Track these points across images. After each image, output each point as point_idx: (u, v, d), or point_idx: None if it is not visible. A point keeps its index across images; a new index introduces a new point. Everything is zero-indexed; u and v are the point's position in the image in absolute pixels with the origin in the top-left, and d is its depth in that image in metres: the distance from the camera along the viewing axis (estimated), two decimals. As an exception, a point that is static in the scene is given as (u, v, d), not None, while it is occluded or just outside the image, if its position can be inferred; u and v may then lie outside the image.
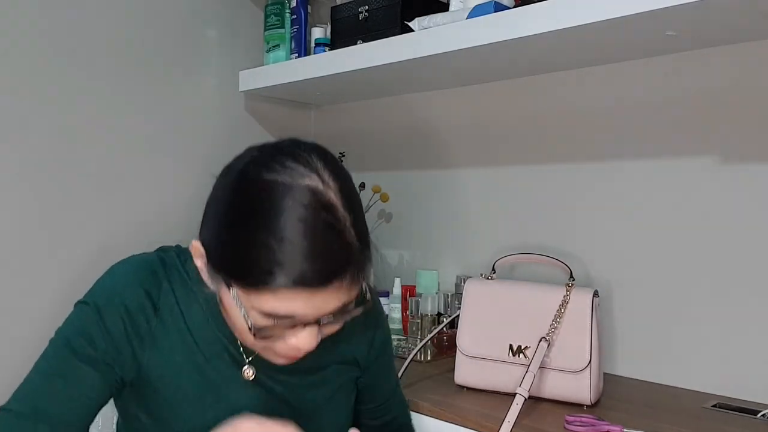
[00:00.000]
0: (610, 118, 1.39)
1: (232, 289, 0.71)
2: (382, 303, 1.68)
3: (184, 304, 0.82)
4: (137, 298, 0.80)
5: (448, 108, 1.70)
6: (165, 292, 0.81)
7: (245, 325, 0.72)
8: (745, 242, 1.21)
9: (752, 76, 1.20)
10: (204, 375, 0.82)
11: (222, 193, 0.74)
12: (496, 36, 1.20)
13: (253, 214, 0.70)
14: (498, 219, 1.59)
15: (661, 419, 1.09)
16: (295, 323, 0.72)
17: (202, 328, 0.82)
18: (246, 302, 0.71)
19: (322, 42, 1.67)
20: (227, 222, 0.72)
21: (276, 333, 0.73)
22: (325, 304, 0.71)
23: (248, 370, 0.84)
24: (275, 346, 0.75)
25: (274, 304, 0.69)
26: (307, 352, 0.75)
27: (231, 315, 0.76)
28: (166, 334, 0.81)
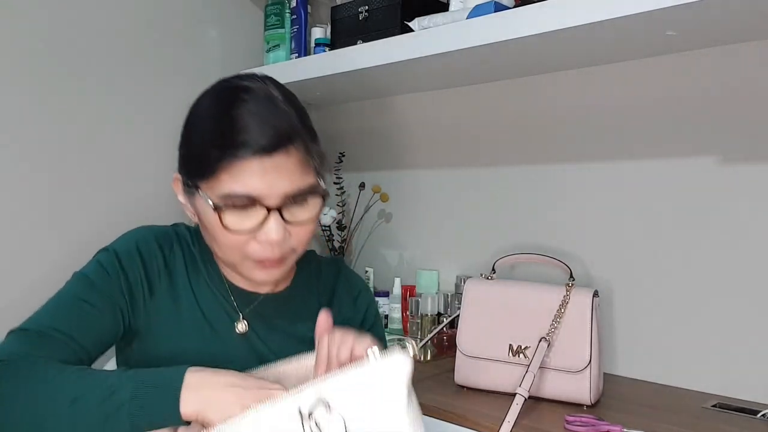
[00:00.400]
0: (611, 118, 1.39)
1: (200, 192, 0.82)
2: (381, 303, 1.69)
3: (189, 267, 0.92)
4: (152, 250, 0.90)
5: (448, 108, 1.70)
6: (175, 253, 0.92)
7: (223, 231, 0.81)
8: (745, 242, 1.21)
9: (752, 76, 1.20)
10: (201, 331, 0.89)
11: (186, 119, 0.87)
12: (496, 36, 1.20)
13: (205, 114, 0.84)
14: (498, 219, 1.59)
15: (661, 419, 1.09)
16: (256, 203, 0.80)
17: (203, 288, 0.92)
18: (214, 198, 0.81)
19: (322, 42, 1.67)
20: (189, 131, 0.86)
21: (246, 226, 0.81)
22: (279, 179, 0.81)
23: (241, 324, 0.92)
24: (250, 248, 0.83)
25: (233, 185, 0.79)
26: (279, 246, 0.83)
27: (210, 230, 0.84)
28: (172, 289, 0.90)
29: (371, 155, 1.90)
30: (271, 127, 0.81)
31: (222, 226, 0.81)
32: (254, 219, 0.82)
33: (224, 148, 0.79)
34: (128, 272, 0.88)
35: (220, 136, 0.81)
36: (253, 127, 0.80)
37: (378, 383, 0.70)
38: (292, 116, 0.83)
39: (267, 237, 0.82)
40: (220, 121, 0.81)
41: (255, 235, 0.82)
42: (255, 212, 0.81)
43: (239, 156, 0.79)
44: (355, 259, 1.94)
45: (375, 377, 0.70)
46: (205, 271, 0.93)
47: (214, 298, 0.92)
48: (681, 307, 1.29)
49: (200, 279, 0.92)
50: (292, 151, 0.82)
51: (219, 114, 0.82)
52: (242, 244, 0.83)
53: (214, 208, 0.81)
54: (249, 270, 0.86)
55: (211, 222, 0.83)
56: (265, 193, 0.81)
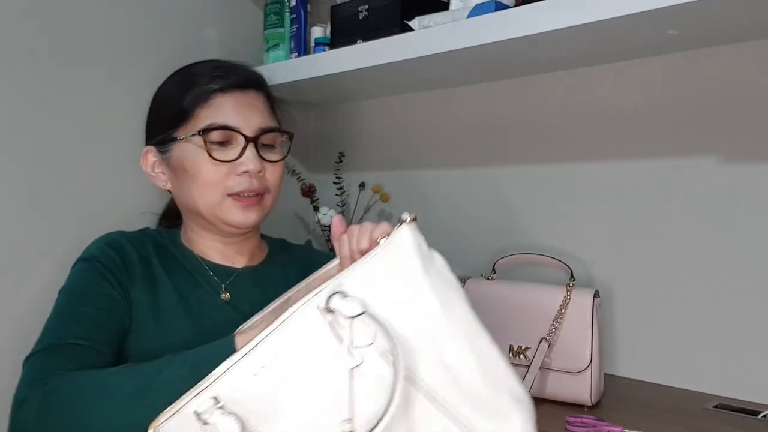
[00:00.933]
0: (611, 118, 1.39)
1: (179, 142, 0.90)
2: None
3: (162, 257, 0.97)
4: (124, 247, 0.95)
5: (448, 108, 1.70)
6: (146, 246, 0.97)
7: (206, 165, 0.89)
8: (745, 242, 1.21)
9: (752, 76, 1.20)
10: (187, 306, 0.93)
11: (153, 99, 0.99)
12: (496, 36, 1.20)
13: (174, 81, 0.96)
14: (498, 219, 1.59)
15: (662, 420, 1.09)
16: (233, 137, 0.90)
17: (179, 271, 0.96)
18: (194, 134, 0.89)
19: (321, 41, 1.67)
20: (158, 101, 0.97)
21: (228, 156, 0.89)
22: (252, 114, 0.92)
23: (224, 294, 0.97)
24: (230, 182, 0.90)
25: (214, 117, 0.89)
26: (258, 179, 0.92)
27: (192, 172, 0.90)
28: (150, 279, 0.93)
29: (371, 155, 1.89)
30: (241, 70, 0.95)
31: (208, 157, 0.88)
32: (233, 152, 0.90)
33: (200, 87, 0.90)
34: (110, 267, 0.91)
35: (194, 82, 0.91)
36: (225, 70, 0.93)
37: (389, 260, 0.70)
38: (257, 71, 1.00)
39: (246, 166, 0.90)
40: (192, 74, 0.93)
41: (235, 168, 0.90)
42: (233, 147, 0.90)
43: (215, 91, 0.90)
44: (355, 259, 1.94)
45: (385, 256, 0.70)
46: (180, 256, 0.99)
47: (191, 278, 0.96)
48: (682, 308, 1.29)
49: (175, 264, 0.97)
50: (261, 94, 0.96)
51: (190, 72, 0.94)
52: (223, 178, 0.90)
53: (199, 133, 0.89)
54: (229, 211, 0.91)
55: (194, 161, 0.90)
56: (241, 124, 0.91)
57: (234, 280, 0.98)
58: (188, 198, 0.93)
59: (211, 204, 0.91)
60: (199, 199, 0.92)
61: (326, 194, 1.91)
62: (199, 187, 0.91)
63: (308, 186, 1.84)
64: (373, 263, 0.69)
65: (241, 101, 0.92)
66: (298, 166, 1.94)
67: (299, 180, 1.84)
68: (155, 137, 0.95)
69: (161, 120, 0.94)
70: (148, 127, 0.99)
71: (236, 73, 0.95)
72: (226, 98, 0.91)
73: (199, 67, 0.95)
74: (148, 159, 0.97)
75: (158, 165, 0.96)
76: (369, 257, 0.70)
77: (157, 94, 0.98)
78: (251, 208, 0.93)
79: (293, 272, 1.01)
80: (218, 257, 0.99)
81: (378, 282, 0.67)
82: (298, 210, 1.98)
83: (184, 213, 1.01)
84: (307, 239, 1.86)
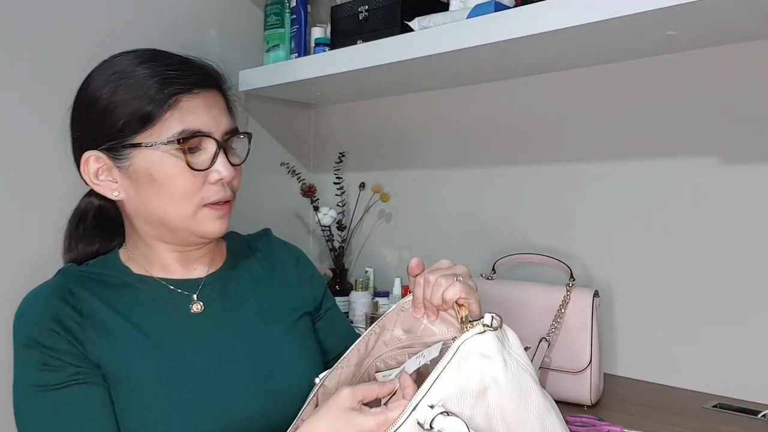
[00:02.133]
0: (610, 118, 1.39)
1: (143, 149, 0.81)
2: (381, 302, 1.69)
3: (103, 293, 0.84)
4: (56, 307, 0.80)
5: (448, 108, 1.70)
6: (78, 296, 0.82)
7: (182, 175, 0.81)
8: (745, 242, 1.21)
9: (752, 76, 1.20)
10: (155, 341, 0.83)
11: (85, 94, 0.85)
12: (496, 36, 1.20)
13: (124, 72, 0.83)
14: (498, 219, 1.59)
15: (661, 420, 1.09)
16: (204, 142, 0.82)
17: (133, 304, 0.85)
18: (165, 142, 0.80)
19: (322, 42, 1.67)
20: (99, 98, 0.83)
21: (200, 160, 0.82)
22: (220, 115, 0.85)
23: (196, 305, 0.88)
24: (205, 192, 0.83)
25: (186, 121, 0.81)
26: (230, 185, 0.86)
27: (163, 182, 0.82)
28: (101, 328, 0.81)
29: (371, 155, 1.90)
30: (201, 65, 0.88)
31: (184, 166, 0.81)
32: (204, 158, 0.83)
33: (164, 88, 0.81)
34: (59, 345, 0.78)
35: (160, 81, 0.81)
36: (186, 66, 0.85)
37: (475, 367, 0.67)
38: (214, 66, 0.91)
39: (220, 174, 0.83)
40: (152, 68, 0.83)
41: (208, 176, 0.83)
42: (202, 153, 0.83)
43: (182, 92, 0.81)
44: (355, 259, 1.94)
45: (471, 365, 0.67)
46: (130, 285, 0.87)
47: (152, 306, 0.86)
48: (681, 307, 1.29)
49: (126, 297, 0.85)
50: (221, 92, 0.88)
51: (136, 71, 0.83)
52: (198, 188, 0.83)
53: (179, 141, 0.80)
54: (205, 222, 0.84)
55: (165, 170, 0.81)
56: (213, 128, 0.83)
57: (202, 290, 0.89)
58: (155, 209, 0.83)
59: (185, 215, 0.83)
60: (171, 211, 0.83)
61: (326, 194, 1.91)
62: (173, 197, 0.82)
63: (308, 186, 1.84)
64: (462, 373, 0.66)
65: (209, 102, 0.84)
66: (298, 166, 1.94)
67: (299, 180, 1.84)
68: (100, 142, 0.83)
69: (109, 123, 0.82)
70: (84, 129, 0.85)
71: (198, 70, 0.86)
72: (195, 99, 0.83)
73: (145, 65, 0.83)
74: (89, 166, 0.84)
75: (105, 172, 0.84)
76: (456, 364, 0.67)
77: (96, 93, 0.83)
78: (225, 216, 0.87)
79: (259, 268, 0.97)
80: (178, 269, 0.90)
81: (468, 394, 0.66)
82: (298, 210, 1.98)
83: (138, 226, 0.87)
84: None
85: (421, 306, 0.79)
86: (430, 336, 0.80)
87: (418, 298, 0.78)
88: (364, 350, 0.82)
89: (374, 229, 1.89)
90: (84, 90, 0.86)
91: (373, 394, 0.70)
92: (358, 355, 0.82)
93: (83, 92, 0.86)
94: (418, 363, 0.75)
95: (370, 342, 0.83)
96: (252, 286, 0.94)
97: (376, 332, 0.82)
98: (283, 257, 1.00)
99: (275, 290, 0.95)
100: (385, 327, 0.82)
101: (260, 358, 0.87)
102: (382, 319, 0.82)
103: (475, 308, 0.74)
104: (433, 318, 0.79)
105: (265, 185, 1.89)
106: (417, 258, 0.80)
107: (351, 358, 0.82)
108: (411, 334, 0.81)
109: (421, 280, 0.78)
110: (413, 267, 0.79)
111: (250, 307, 0.92)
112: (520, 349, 0.70)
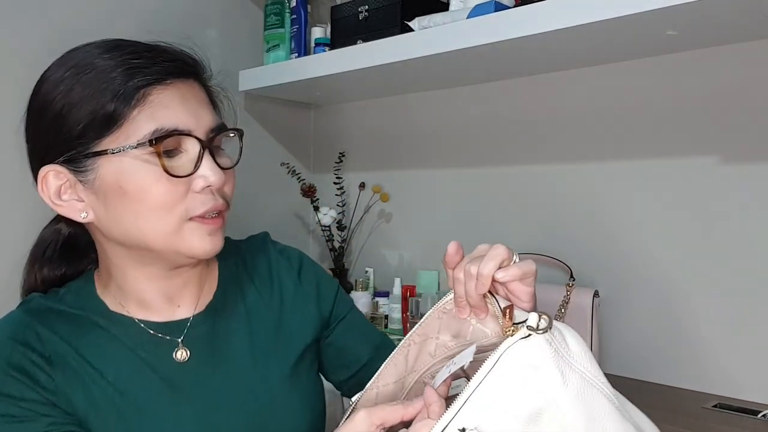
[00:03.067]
0: (610, 118, 1.39)
1: (108, 156, 0.66)
2: (381, 303, 1.69)
3: (75, 337, 0.71)
4: (21, 357, 0.68)
5: (448, 108, 1.70)
6: (46, 340, 0.70)
7: (158, 186, 0.67)
8: (745, 242, 1.21)
9: (752, 76, 1.20)
10: (132, 402, 0.72)
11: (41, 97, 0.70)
12: (496, 36, 1.20)
13: (83, 67, 0.68)
14: (498, 219, 1.59)
15: (661, 419, 1.08)
16: (183, 142, 0.68)
17: (109, 347, 0.72)
18: (135, 146, 0.66)
19: (322, 42, 1.67)
20: (56, 100, 0.68)
21: (179, 164, 0.68)
22: (200, 108, 0.70)
23: (181, 351, 0.75)
24: (189, 203, 0.69)
25: (158, 119, 0.66)
26: (220, 192, 0.71)
27: (137, 196, 0.67)
28: (76, 380, 0.70)
29: (371, 155, 1.90)
30: (175, 53, 0.72)
31: (159, 173, 0.66)
32: (184, 162, 0.68)
33: (128, 81, 0.66)
34: (22, 393, 0.67)
35: (114, 75, 0.66)
36: (153, 54, 0.69)
37: (523, 381, 0.54)
38: (189, 53, 0.75)
39: (206, 180, 0.69)
40: (105, 65, 0.67)
41: (191, 183, 0.69)
42: (181, 155, 0.68)
43: (152, 83, 0.67)
44: (355, 259, 1.94)
45: (518, 378, 0.53)
46: (106, 326, 0.73)
47: (131, 353, 0.73)
48: (681, 307, 1.29)
49: (102, 340, 0.73)
50: (199, 82, 0.74)
51: (95, 63, 0.68)
52: (180, 198, 0.68)
53: (151, 143, 0.66)
54: (191, 239, 0.70)
55: (137, 180, 0.67)
56: (192, 125, 0.68)
57: (188, 332, 0.76)
58: (129, 229, 0.69)
59: (167, 233, 0.68)
60: (149, 229, 0.68)
61: (326, 194, 1.91)
62: (149, 212, 0.67)
63: (308, 186, 1.84)
64: (506, 391, 0.53)
65: (185, 94, 0.69)
66: (298, 166, 1.94)
67: (299, 180, 1.84)
68: (58, 153, 0.68)
69: (66, 129, 0.67)
70: (38, 140, 0.70)
71: (168, 56, 0.71)
72: (167, 91, 0.68)
73: (107, 55, 0.69)
74: (48, 183, 0.69)
75: (68, 190, 0.69)
76: (497, 379, 0.53)
77: (49, 96, 0.69)
78: (217, 232, 0.72)
79: (255, 293, 0.82)
80: (159, 306, 0.76)
81: (514, 418, 0.53)
82: (298, 210, 1.98)
83: (112, 252, 0.73)
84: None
85: (465, 304, 0.64)
86: (482, 338, 0.65)
87: (460, 295, 0.64)
88: (403, 364, 0.69)
89: (374, 229, 1.89)
90: (36, 93, 0.71)
91: (396, 417, 0.58)
92: (396, 371, 0.69)
93: (35, 95, 0.71)
94: (448, 371, 0.60)
95: (410, 354, 0.69)
96: (245, 321, 0.80)
97: (415, 341, 0.69)
98: (282, 276, 0.85)
99: (273, 322, 0.82)
100: (427, 335, 0.69)
101: (254, 412, 0.75)
102: (422, 326, 0.69)
103: (523, 293, 0.61)
104: (483, 316, 0.64)
105: (265, 185, 1.89)
106: (455, 243, 0.65)
107: (387, 374, 0.69)
108: (460, 339, 0.67)
109: (461, 274, 0.63)
110: (451, 256, 0.64)
111: (243, 347, 0.78)
112: (587, 359, 0.55)
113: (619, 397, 0.57)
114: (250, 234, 0.91)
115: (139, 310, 0.75)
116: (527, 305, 0.62)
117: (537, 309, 0.59)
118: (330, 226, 1.83)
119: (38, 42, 1.44)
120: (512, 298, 0.62)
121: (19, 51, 1.42)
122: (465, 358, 0.59)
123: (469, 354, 0.59)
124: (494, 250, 0.61)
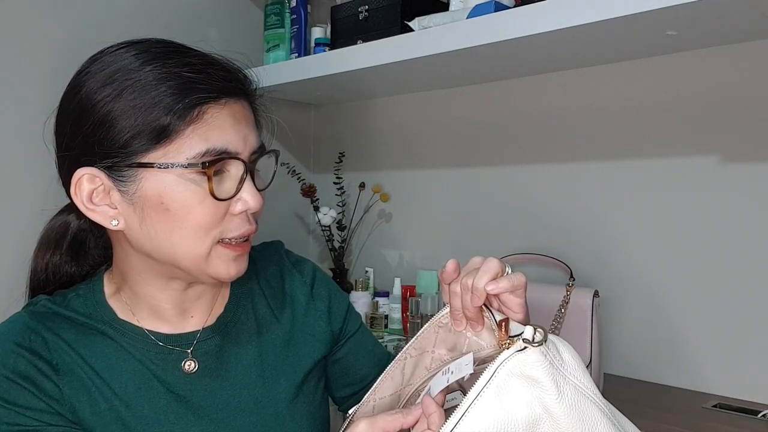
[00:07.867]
0: (610, 118, 1.39)
1: (154, 170, 0.65)
2: (381, 303, 1.68)
3: (82, 345, 0.70)
4: (27, 364, 0.67)
5: (448, 108, 1.70)
6: (53, 347, 0.69)
7: (202, 206, 0.66)
8: (745, 242, 1.21)
9: (752, 76, 1.20)
10: (136, 414, 0.71)
11: (77, 106, 0.68)
12: (496, 36, 1.20)
13: (129, 73, 0.66)
14: (498, 219, 1.59)
15: (661, 419, 1.09)
16: (228, 163, 0.67)
17: (115, 358, 0.71)
18: (186, 165, 0.65)
19: (322, 42, 1.67)
20: (102, 105, 0.65)
21: (228, 191, 0.67)
22: (248, 130, 0.69)
23: (189, 362, 0.74)
24: (227, 226, 0.68)
25: (209, 139, 0.65)
26: (255, 216, 0.71)
27: (177, 213, 0.66)
28: (83, 390, 0.69)
29: (371, 155, 1.90)
30: (231, 71, 0.71)
31: (205, 194, 0.65)
32: (229, 183, 0.68)
33: (190, 96, 0.65)
34: (28, 402, 0.66)
35: (179, 86, 0.65)
36: (215, 71, 0.68)
37: (519, 393, 0.55)
38: (243, 70, 0.74)
39: (246, 204, 0.68)
40: (166, 68, 0.66)
41: (230, 206, 0.68)
42: (227, 176, 0.68)
43: (209, 100, 0.66)
44: (355, 259, 1.94)
45: (513, 390, 0.55)
46: (113, 335, 0.72)
47: (140, 365, 0.72)
48: (681, 307, 1.29)
49: (109, 351, 0.71)
50: (249, 102, 0.73)
51: (159, 62, 0.66)
52: (218, 220, 0.67)
53: (204, 165, 0.65)
54: (217, 263, 0.69)
55: (182, 198, 0.65)
56: (240, 148, 0.67)
57: (198, 345, 0.75)
58: (162, 244, 0.68)
59: (198, 254, 0.68)
60: (183, 248, 0.67)
61: (326, 194, 1.91)
62: (187, 231, 0.66)
63: (308, 186, 1.84)
64: (503, 403, 0.54)
65: (237, 114, 0.68)
66: (298, 166, 1.94)
67: (299, 180, 1.84)
68: (98, 158, 0.66)
69: (111, 135, 0.65)
70: (76, 142, 0.68)
71: (225, 73, 0.69)
72: (223, 112, 0.66)
73: (157, 62, 0.66)
74: (82, 187, 0.67)
75: (101, 195, 0.67)
76: (494, 392, 0.54)
77: (92, 97, 0.66)
78: (243, 257, 0.71)
79: (267, 308, 0.81)
80: (171, 317, 0.75)
81: (511, 425, 0.54)
82: (298, 210, 1.98)
83: (135, 260, 0.72)
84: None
85: (462, 316, 0.66)
86: (478, 350, 0.67)
87: (456, 308, 0.65)
88: (399, 378, 0.70)
89: (374, 229, 1.89)
90: (76, 91, 0.68)
91: (396, 426, 0.59)
92: (392, 384, 0.70)
93: (74, 94, 0.68)
94: (446, 381, 0.61)
95: (407, 368, 0.70)
96: (255, 336, 0.79)
97: (412, 355, 0.70)
98: (295, 291, 0.84)
99: (283, 337, 0.81)
100: (424, 349, 0.70)
101: (261, 426, 0.75)
102: (418, 340, 0.70)
103: (514, 304, 0.64)
104: (479, 328, 0.66)
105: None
106: (453, 261, 0.66)
107: (384, 388, 0.70)
108: (456, 352, 0.69)
109: (457, 288, 0.65)
110: (449, 273, 0.66)
111: (251, 362, 0.78)
112: (579, 371, 0.57)
113: (610, 406, 0.59)
114: (260, 245, 0.90)
115: (149, 319, 0.74)
116: (519, 316, 0.64)
117: (529, 318, 0.64)
118: (330, 226, 1.83)
119: (38, 44, 1.45)
120: (504, 309, 0.65)
121: (19, 52, 1.42)
122: (462, 366, 0.61)
123: (467, 363, 0.61)
124: (487, 264, 0.65)
